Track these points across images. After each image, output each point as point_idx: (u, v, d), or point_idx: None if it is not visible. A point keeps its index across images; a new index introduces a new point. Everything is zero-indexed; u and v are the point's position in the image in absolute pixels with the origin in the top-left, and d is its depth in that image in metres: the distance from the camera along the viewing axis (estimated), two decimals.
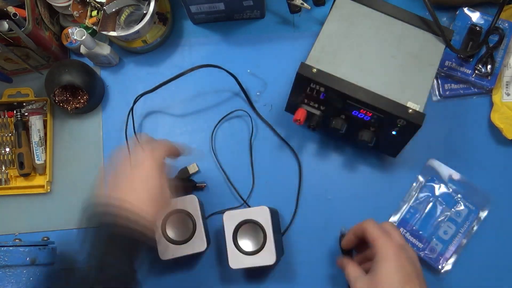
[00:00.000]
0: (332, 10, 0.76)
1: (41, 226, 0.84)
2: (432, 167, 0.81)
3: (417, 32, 0.74)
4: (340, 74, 0.70)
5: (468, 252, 0.78)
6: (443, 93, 0.83)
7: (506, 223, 0.79)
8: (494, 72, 0.81)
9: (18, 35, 0.74)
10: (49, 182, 0.85)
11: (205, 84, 0.87)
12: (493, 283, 0.78)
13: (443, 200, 0.79)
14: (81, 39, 0.78)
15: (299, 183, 0.82)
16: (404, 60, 0.72)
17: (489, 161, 0.81)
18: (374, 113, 0.69)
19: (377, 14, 0.76)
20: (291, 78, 0.71)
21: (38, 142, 0.85)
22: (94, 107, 0.87)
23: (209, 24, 0.90)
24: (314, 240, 0.80)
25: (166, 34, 0.88)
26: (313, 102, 0.74)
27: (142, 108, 0.87)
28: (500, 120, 0.80)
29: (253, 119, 0.85)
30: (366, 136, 0.72)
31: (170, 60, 0.89)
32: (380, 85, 0.70)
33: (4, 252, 0.67)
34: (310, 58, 0.72)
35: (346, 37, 0.74)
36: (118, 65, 0.89)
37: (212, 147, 0.85)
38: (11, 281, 0.67)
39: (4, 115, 0.87)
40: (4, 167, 0.86)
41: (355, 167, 0.82)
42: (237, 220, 0.72)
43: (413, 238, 0.78)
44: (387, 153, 0.78)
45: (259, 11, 0.86)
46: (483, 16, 0.83)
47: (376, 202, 0.81)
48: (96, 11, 0.81)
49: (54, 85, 0.81)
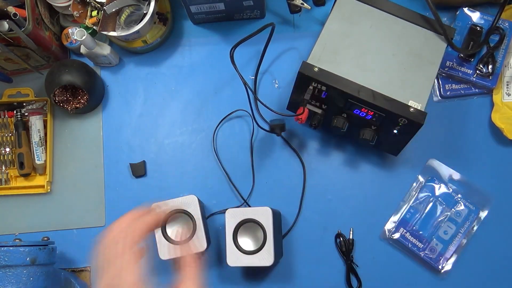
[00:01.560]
0: (334, 8, 0.76)
1: (41, 226, 0.84)
2: (432, 167, 0.81)
3: (418, 31, 0.75)
4: (341, 73, 0.70)
5: (468, 252, 0.78)
6: (444, 93, 0.83)
7: (506, 223, 0.79)
8: (495, 72, 0.81)
9: (18, 35, 0.74)
10: (49, 182, 0.85)
11: (205, 84, 0.87)
12: (493, 283, 0.78)
13: (443, 200, 0.79)
14: (81, 39, 0.78)
15: (303, 185, 0.82)
16: (406, 59, 0.72)
17: (489, 161, 0.81)
18: (376, 112, 0.69)
19: (379, 12, 0.76)
20: (292, 77, 0.71)
21: (38, 142, 0.85)
22: (94, 107, 0.87)
23: (209, 24, 0.90)
24: (314, 240, 0.80)
25: (166, 34, 0.88)
26: (314, 100, 0.74)
27: (142, 108, 0.87)
28: (501, 120, 0.80)
29: (254, 119, 0.84)
30: (367, 134, 0.72)
31: (170, 60, 0.89)
32: (381, 84, 0.70)
33: (4, 252, 0.67)
34: (311, 57, 0.72)
35: (348, 36, 0.74)
36: (118, 65, 0.89)
37: (213, 147, 0.85)
38: (11, 281, 0.67)
39: (4, 115, 0.87)
40: (4, 167, 0.86)
41: (356, 166, 0.82)
42: (239, 219, 0.72)
43: (413, 238, 0.78)
44: (389, 151, 0.78)
45: (259, 11, 0.86)
46: (483, 16, 0.83)
47: (376, 202, 0.81)
48: (96, 11, 0.81)
49: (54, 85, 0.81)
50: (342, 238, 0.79)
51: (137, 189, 0.75)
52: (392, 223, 0.80)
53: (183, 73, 0.88)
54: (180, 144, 0.86)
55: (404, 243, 0.78)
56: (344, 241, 0.79)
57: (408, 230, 0.78)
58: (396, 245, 0.79)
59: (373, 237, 0.80)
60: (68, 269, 0.81)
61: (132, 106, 0.87)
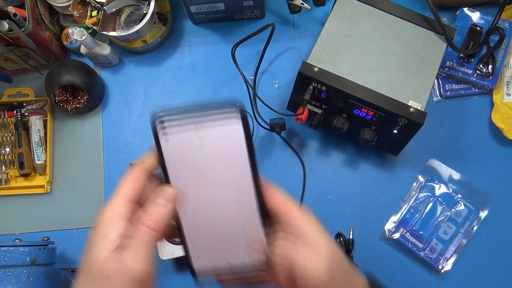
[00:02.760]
0: (334, 8, 0.76)
1: (41, 226, 0.84)
2: (432, 167, 0.81)
3: (418, 31, 0.75)
4: (341, 73, 0.70)
5: (468, 252, 0.78)
6: (444, 93, 0.83)
7: (506, 223, 0.79)
8: (495, 72, 0.81)
9: (18, 35, 0.74)
10: (49, 182, 0.85)
11: (205, 84, 0.87)
12: (493, 283, 0.78)
13: (443, 200, 0.79)
14: (81, 39, 0.78)
15: (303, 185, 0.82)
16: (406, 59, 0.72)
17: (489, 161, 0.81)
18: (376, 112, 0.69)
19: (379, 12, 0.76)
20: (292, 77, 0.71)
21: (38, 142, 0.85)
22: (94, 107, 0.87)
23: (209, 24, 0.90)
24: None
25: (166, 34, 0.87)
26: (314, 100, 0.74)
27: (142, 108, 0.87)
28: (500, 120, 0.80)
29: (254, 117, 0.84)
30: (367, 134, 0.72)
31: (170, 60, 0.89)
32: (381, 84, 0.70)
33: (4, 252, 0.67)
34: (311, 57, 0.72)
35: (348, 35, 0.74)
36: (118, 65, 0.89)
37: None
38: (11, 281, 0.67)
39: (4, 115, 0.87)
40: (4, 167, 0.86)
41: (356, 166, 0.82)
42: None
43: (413, 238, 0.78)
44: (389, 151, 0.78)
45: (259, 11, 0.86)
46: (483, 16, 0.83)
47: (376, 202, 0.81)
48: (96, 11, 0.81)
49: (54, 85, 0.80)
50: (342, 238, 0.79)
51: None
52: (392, 223, 0.80)
53: (183, 73, 0.88)
54: None
55: (404, 243, 0.78)
56: (344, 241, 0.79)
57: (408, 230, 0.78)
58: (396, 245, 0.79)
59: (373, 237, 0.80)
60: (68, 269, 0.81)
61: (132, 106, 0.87)
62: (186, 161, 0.41)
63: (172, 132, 0.41)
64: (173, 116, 0.41)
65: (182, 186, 0.42)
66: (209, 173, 0.42)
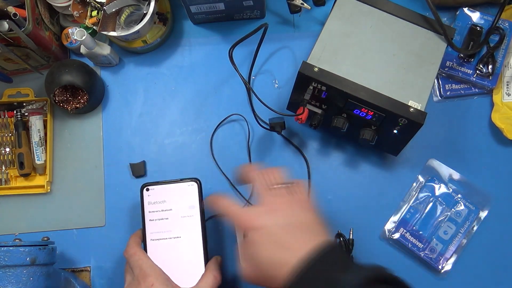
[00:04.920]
0: (334, 8, 0.76)
1: (41, 226, 0.84)
2: (432, 167, 0.81)
3: (418, 31, 0.75)
4: (341, 73, 0.70)
5: (468, 252, 0.78)
6: (443, 93, 0.83)
7: (506, 223, 0.79)
8: (495, 72, 0.81)
9: (18, 35, 0.74)
10: (49, 182, 0.85)
11: (205, 84, 0.87)
12: (493, 283, 0.78)
13: (443, 200, 0.79)
14: (81, 39, 0.78)
15: (309, 182, 0.82)
16: (406, 59, 0.73)
17: (489, 161, 0.81)
18: (376, 112, 0.69)
19: (379, 12, 0.76)
20: (292, 77, 0.71)
21: (38, 142, 0.85)
22: (94, 107, 0.87)
23: (209, 24, 0.90)
24: None
25: (166, 34, 0.88)
26: (314, 100, 0.74)
27: (142, 108, 0.87)
28: (500, 120, 0.80)
29: (254, 117, 0.84)
30: (367, 134, 0.72)
31: (170, 60, 0.89)
32: (381, 84, 0.70)
33: (4, 252, 0.67)
34: (311, 57, 0.72)
35: (348, 35, 0.74)
36: (118, 65, 0.89)
37: (212, 147, 0.85)
38: (11, 281, 0.67)
39: (4, 115, 0.87)
40: (4, 167, 0.86)
41: (356, 166, 0.82)
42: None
43: (413, 238, 0.78)
44: (389, 151, 0.78)
45: (259, 11, 0.86)
46: (483, 16, 0.83)
47: (376, 202, 0.81)
48: (96, 11, 0.81)
49: (54, 85, 0.80)
50: (342, 238, 0.79)
51: (137, 189, 0.75)
52: (392, 223, 0.80)
53: (183, 73, 0.88)
54: (180, 144, 0.86)
55: (404, 243, 0.78)
56: (344, 241, 0.79)
57: (408, 230, 0.78)
58: (396, 245, 0.79)
59: (373, 237, 0.80)
60: (68, 269, 0.81)
61: (132, 106, 0.87)
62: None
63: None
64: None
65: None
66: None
